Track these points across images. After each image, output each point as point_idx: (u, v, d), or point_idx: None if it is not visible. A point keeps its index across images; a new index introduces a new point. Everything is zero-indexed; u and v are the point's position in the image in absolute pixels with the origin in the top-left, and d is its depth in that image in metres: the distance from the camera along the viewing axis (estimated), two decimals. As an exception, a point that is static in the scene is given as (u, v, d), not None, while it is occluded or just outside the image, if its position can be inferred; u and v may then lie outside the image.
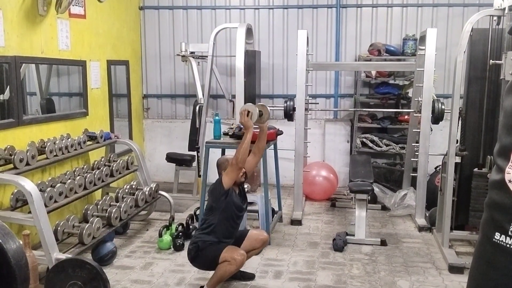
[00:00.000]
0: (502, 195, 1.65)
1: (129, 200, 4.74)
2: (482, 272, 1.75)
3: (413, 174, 5.80)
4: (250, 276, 4.04)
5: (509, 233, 1.61)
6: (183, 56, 6.33)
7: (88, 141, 5.16)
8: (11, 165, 4.00)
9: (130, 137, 6.80)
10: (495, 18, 4.27)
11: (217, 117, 5.03)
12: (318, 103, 6.64)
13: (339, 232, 4.91)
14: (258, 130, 4.08)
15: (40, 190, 3.82)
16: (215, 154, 4.82)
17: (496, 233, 1.65)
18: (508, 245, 1.61)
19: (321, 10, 7.08)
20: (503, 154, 1.68)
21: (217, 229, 3.65)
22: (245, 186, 5.34)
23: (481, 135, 4.51)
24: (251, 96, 6.10)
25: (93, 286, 3.26)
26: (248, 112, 3.84)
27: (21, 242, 1.36)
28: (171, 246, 4.70)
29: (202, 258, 3.64)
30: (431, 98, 5.32)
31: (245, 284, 3.95)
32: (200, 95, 6.24)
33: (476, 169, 4.42)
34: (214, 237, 3.64)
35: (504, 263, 1.63)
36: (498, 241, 1.64)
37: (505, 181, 1.64)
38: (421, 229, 5.25)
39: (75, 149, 4.83)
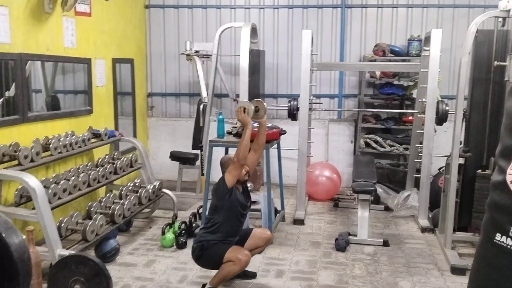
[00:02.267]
0: (504, 196, 1.65)
1: (132, 198, 4.76)
2: (483, 273, 1.75)
3: (417, 175, 5.80)
4: (252, 275, 4.05)
5: (510, 234, 1.62)
6: (187, 55, 6.34)
7: (92, 138, 5.19)
8: (16, 162, 4.02)
9: (134, 135, 6.82)
10: (500, 19, 4.26)
11: (221, 116, 5.04)
12: (322, 103, 6.64)
13: (341, 232, 4.91)
14: (258, 127, 4.08)
15: (44, 187, 3.84)
16: (218, 153, 4.84)
17: (497, 234, 1.66)
18: (509, 246, 1.62)
19: (326, 10, 7.08)
20: (505, 155, 1.68)
21: (221, 228, 3.66)
22: (248, 185, 5.37)
23: (485, 137, 4.51)
24: (255, 95, 6.08)
25: (96, 283, 3.28)
26: (244, 109, 3.86)
27: (24, 237, 1.37)
28: (174, 244, 4.71)
29: (207, 257, 3.66)
30: (435, 99, 5.31)
31: (247, 283, 3.97)
32: (204, 94, 6.26)
33: (479, 171, 4.42)
34: (219, 236, 3.66)
35: (505, 264, 1.63)
36: (499, 242, 1.65)
37: (507, 182, 1.64)
38: (424, 230, 5.25)
39: (80, 147, 4.85)
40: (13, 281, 1.24)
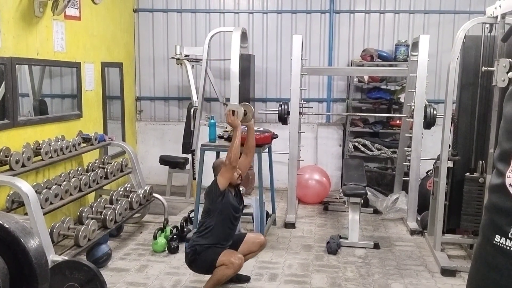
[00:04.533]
0: (503, 199, 1.70)
1: (123, 203, 4.74)
2: (482, 274, 1.79)
3: (405, 178, 5.88)
4: (245, 279, 4.06)
5: (509, 236, 1.66)
6: (177, 59, 6.34)
7: (82, 143, 5.15)
8: (6, 167, 3.98)
9: (123, 139, 6.78)
10: (487, 25, 4.36)
11: (212, 120, 5.05)
12: (312, 107, 6.69)
13: (332, 235, 4.95)
14: (246, 131, 4.09)
15: (36, 192, 3.80)
16: (209, 157, 4.84)
17: (497, 236, 1.70)
18: (508, 247, 1.66)
19: (314, 15, 7.15)
20: (503, 159, 1.73)
21: (214, 231, 3.67)
22: (240, 189, 5.38)
23: (473, 140, 4.59)
24: (245, 99, 6.08)
25: (90, 288, 3.26)
26: (234, 111, 3.88)
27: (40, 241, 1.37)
28: (166, 249, 4.70)
29: (200, 262, 3.66)
30: (423, 104, 5.40)
31: (241, 287, 3.97)
32: (194, 97, 6.26)
33: (468, 174, 4.49)
34: (212, 240, 3.66)
35: (504, 265, 1.68)
36: (499, 243, 1.69)
37: (506, 185, 1.69)
38: (413, 232, 5.32)
39: (70, 151, 4.82)
40: (32, 286, 1.24)
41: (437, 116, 5.40)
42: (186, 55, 6.43)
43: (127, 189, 5.23)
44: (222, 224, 3.71)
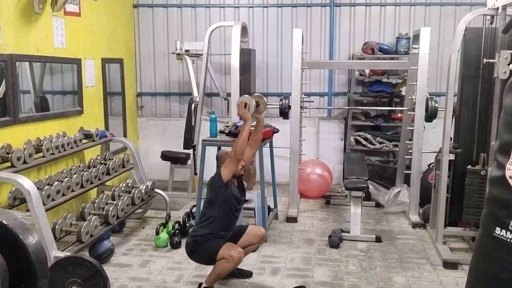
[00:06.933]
0: (503, 191, 1.69)
1: (125, 198, 4.75)
2: (483, 266, 1.79)
3: (407, 172, 5.87)
4: (247, 274, 4.06)
5: (510, 228, 1.66)
6: (178, 54, 6.33)
7: (83, 139, 5.16)
8: (8, 164, 3.98)
9: (125, 135, 6.78)
10: (488, 17, 4.33)
11: (213, 115, 5.05)
12: (313, 101, 6.68)
13: (334, 229, 4.95)
14: (255, 123, 4.07)
15: (38, 188, 3.81)
16: (210, 152, 4.83)
17: (497, 228, 1.70)
18: (508, 239, 1.66)
19: (315, 8, 7.12)
20: (503, 151, 1.72)
21: (216, 222, 3.66)
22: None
23: (475, 133, 4.57)
24: (246, 94, 6.10)
25: (93, 284, 3.27)
26: (246, 104, 3.84)
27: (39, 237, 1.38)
28: (168, 244, 4.71)
29: (200, 252, 3.66)
30: (425, 96, 5.38)
31: (243, 281, 3.98)
32: (195, 93, 6.25)
33: (469, 166, 4.48)
34: (213, 230, 3.65)
35: (505, 257, 1.67)
36: (499, 236, 1.69)
37: (506, 177, 1.68)
38: (415, 225, 5.32)
39: (71, 147, 4.82)
40: (31, 282, 1.24)
41: (438, 109, 5.39)
42: (186, 50, 6.42)
43: (129, 185, 5.24)
44: (224, 215, 3.70)
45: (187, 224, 5.01)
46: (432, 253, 4.58)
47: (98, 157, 5.31)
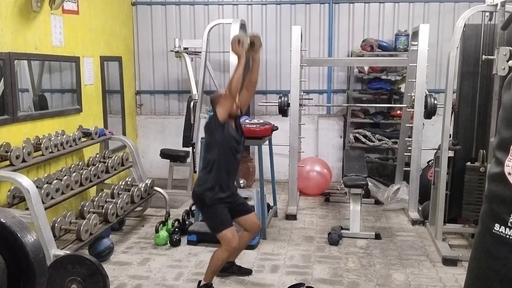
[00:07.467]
0: (502, 187, 1.69)
1: (125, 197, 4.74)
2: (482, 263, 1.79)
3: (406, 169, 5.88)
4: (247, 271, 4.06)
5: (509, 224, 1.66)
6: (177, 52, 6.32)
7: (82, 137, 5.15)
8: (7, 162, 3.98)
9: (124, 134, 6.78)
10: (487, 14, 4.32)
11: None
12: (312, 99, 6.68)
13: (334, 226, 4.95)
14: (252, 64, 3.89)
15: (37, 187, 3.81)
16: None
17: (496, 224, 1.70)
18: (507, 236, 1.66)
19: (314, 6, 7.11)
20: (502, 147, 1.72)
21: (217, 165, 3.61)
22: (241, 181, 5.38)
23: (474, 130, 4.57)
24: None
25: (92, 282, 3.27)
26: (239, 40, 3.69)
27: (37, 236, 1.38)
28: (168, 242, 4.71)
29: (208, 214, 3.69)
30: (424, 93, 5.38)
31: (243, 279, 3.98)
32: (194, 91, 6.25)
33: (468, 163, 4.49)
34: (216, 175, 3.61)
35: (504, 253, 1.67)
36: (498, 232, 1.68)
37: (505, 173, 1.68)
38: (414, 222, 5.32)
39: (70, 146, 4.82)
40: (29, 280, 1.24)
41: (437, 106, 5.39)
42: (185, 48, 6.41)
43: (128, 183, 5.24)
44: (225, 157, 3.63)
45: (187, 222, 5.01)
46: (432, 250, 4.59)
47: (97, 156, 5.30)
